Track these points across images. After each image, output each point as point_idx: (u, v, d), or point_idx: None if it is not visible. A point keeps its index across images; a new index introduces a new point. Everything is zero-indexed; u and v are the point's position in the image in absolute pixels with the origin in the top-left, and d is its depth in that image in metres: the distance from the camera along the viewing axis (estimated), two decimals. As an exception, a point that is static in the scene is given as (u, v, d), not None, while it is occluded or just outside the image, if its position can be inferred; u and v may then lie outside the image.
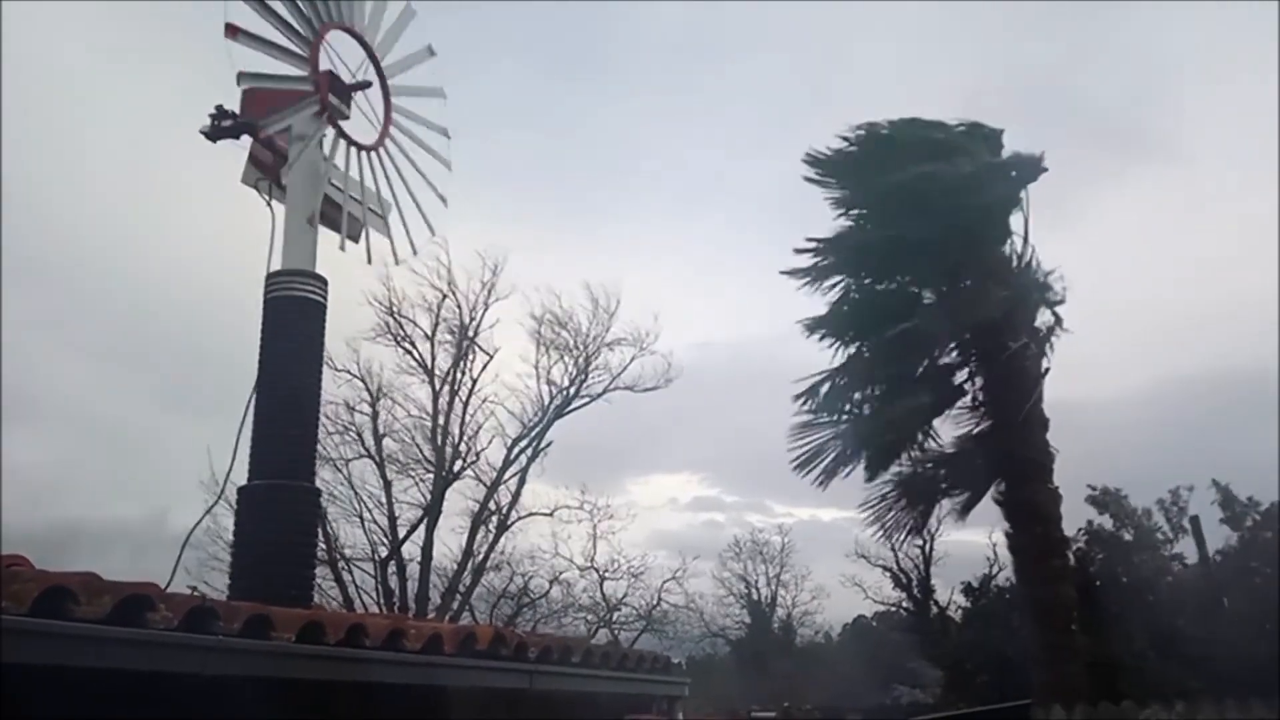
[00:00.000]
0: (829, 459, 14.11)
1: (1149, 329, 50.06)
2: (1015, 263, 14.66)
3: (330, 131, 9.93)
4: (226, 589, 9.12)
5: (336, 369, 24.21)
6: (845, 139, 14.70)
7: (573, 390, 27.63)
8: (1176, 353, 53.78)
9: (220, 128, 9.41)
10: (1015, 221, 14.72)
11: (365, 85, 10.38)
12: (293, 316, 9.00)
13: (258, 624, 5.15)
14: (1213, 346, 52.51)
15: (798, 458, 14.19)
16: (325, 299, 9.25)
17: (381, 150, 10.70)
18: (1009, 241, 14.73)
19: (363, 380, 26.02)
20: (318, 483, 10.32)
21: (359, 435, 25.99)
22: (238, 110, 9.47)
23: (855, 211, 14.91)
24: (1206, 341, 54.02)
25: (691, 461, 65.77)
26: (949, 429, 14.68)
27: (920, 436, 14.50)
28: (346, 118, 10.19)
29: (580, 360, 27.71)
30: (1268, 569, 29.34)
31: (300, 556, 8.73)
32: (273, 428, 8.72)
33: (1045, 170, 14.43)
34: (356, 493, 25.83)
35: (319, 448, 11.09)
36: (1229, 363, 50.85)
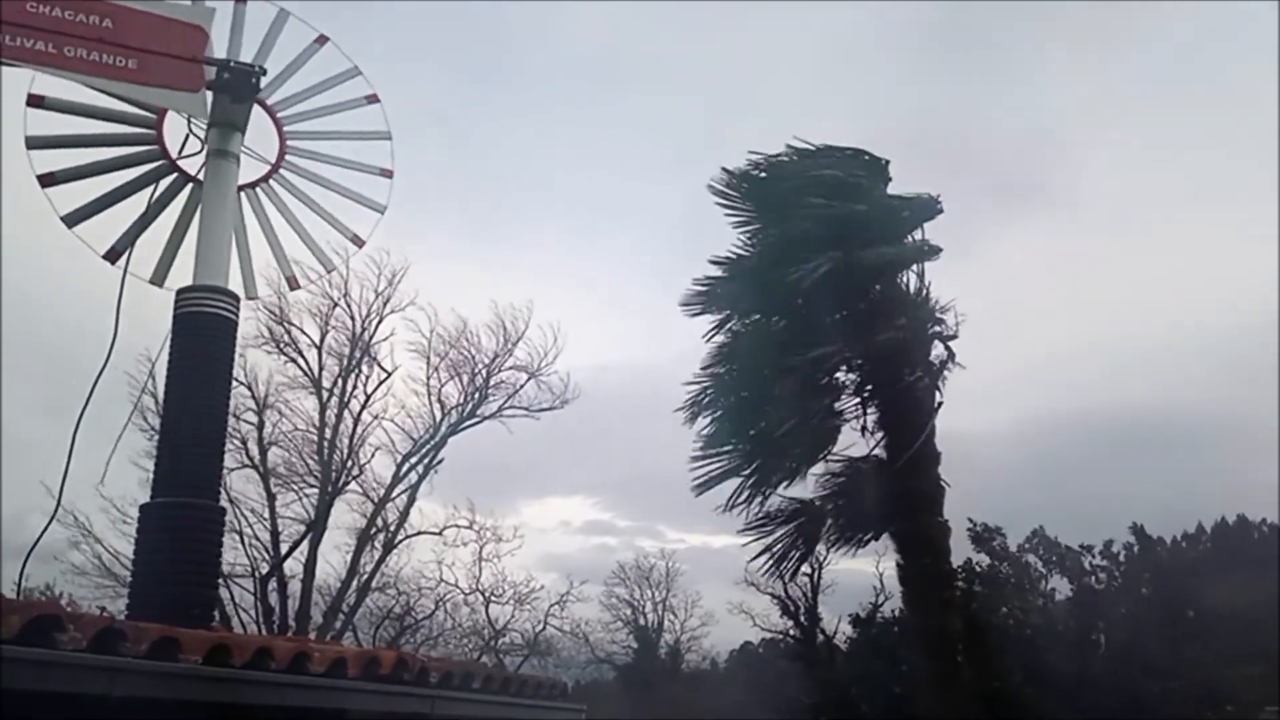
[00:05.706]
0: (726, 481, 13.86)
1: (1027, 366, 51.92)
2: (911, 296, 14.59)
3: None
4: (126, 607, 8.93)
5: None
6: (753, 165, 14.67)
7: (467, 409, 27.19)
8: (1048, 392, 55.80)
9: None
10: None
11: None
12: (203, 333, 8.86)
13: (165, 646, 5.10)
14: (1088, 385, 54.63)
15: (697, 480, 13.98)
16: (236, 316, 9.14)
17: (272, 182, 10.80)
18: (903, 276, 14.75)
19: (249, 387, 25.07)
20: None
21: (243, 443, 24.94)
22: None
23: (752, 242, 14.98)
24: (1081, 381, 56.12)
25: (585, 484, 65.75)
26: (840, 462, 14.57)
27: (809, 461, 14.40)
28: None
29: (478, 379, 27.31)
30: (1127, 608, 30.81)
31: (203, 576, 8.57)
32: (178, 446, 8.59)
33: (941, 211, 14.52)
34: (236, 506, 24.58)
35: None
36: (1101, 402, 52.92)
